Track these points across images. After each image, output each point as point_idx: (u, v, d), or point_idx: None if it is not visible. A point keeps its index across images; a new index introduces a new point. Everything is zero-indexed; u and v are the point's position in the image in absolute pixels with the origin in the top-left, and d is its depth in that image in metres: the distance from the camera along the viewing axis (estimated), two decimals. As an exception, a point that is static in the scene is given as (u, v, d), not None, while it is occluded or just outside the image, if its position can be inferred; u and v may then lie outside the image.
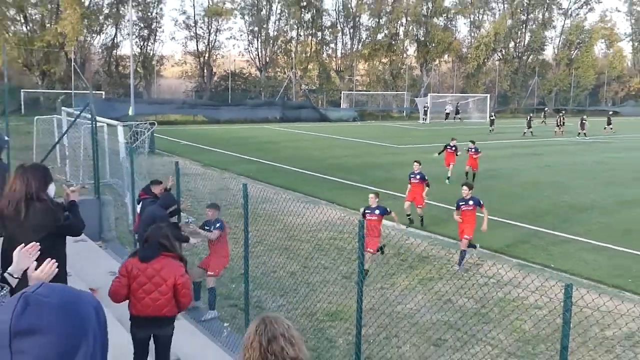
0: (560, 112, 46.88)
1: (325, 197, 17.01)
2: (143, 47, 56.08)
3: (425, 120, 52.56)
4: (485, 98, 59.01)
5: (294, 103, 55.33)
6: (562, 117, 42.63)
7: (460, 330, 7.99)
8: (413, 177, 13.91)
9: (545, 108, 57.98)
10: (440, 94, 60.94)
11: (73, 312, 1.33)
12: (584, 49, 71.74)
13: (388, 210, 10.52)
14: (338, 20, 64.10)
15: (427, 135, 38.07)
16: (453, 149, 19.92)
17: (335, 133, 38.73)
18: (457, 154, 20.02)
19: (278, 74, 61.27)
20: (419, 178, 13.77)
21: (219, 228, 8.58)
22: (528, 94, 69.44)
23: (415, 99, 58.40)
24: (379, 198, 10.80)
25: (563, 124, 41.58)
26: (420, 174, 13.80)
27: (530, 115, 42.39)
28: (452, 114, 55.74)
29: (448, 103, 57.78)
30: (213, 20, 57.96)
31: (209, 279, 8.56)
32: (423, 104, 54.18)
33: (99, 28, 54.17)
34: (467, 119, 55.56)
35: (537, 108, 61.32)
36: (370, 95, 62.26)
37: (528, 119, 40.64)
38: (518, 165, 24.59)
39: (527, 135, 38.64)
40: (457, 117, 55.53)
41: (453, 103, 57.80)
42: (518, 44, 71.65)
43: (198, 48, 58.38)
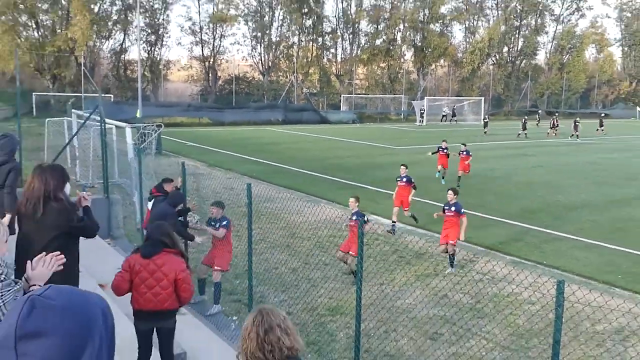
0: (554, 114, 46.81)
1: (326, 196, 16.97)
2: (150, 52, 56.16)
3: (422, 123, 52.53)
4: (480, 101, 58.93)
5: (296, 106, 55.32)
6: (555, 119, 42.55)
7: (456, 325, 7.97)
8: (400, 180, 13.48)
9: (539, 110, 57.94)
10: (437, 97, 60.87)
11: (79, 314, 1.31)
12: (575, 54, 71.78)
13: (366, 220, 9.90)
14: (338, 27, 64.09)
15: (423, 137, 38.07)
16: (445, 151, 19.74)
17: (336, 135, 38.70)
18: (448, 156, 19.79)
19: (280, 78, 61.27)
20: (406, 181, 13.35)
21: (225, 226, 8.54)
22: (521, 97, 69.42)
23: (412, 102, 58.36)
24: (359, 202, 10.36)
25: (557, 126, 41.55)
26: (407, 177, 13.38)
27: (525, 118, 42.32)
28: (448, 116, 55.72)
29: (445, 106, 57.74)
30: (218, 27, 57.96)
31: (216, 274, 8.52)
32: (420, 107, 54.11)
33: (108, 34, 54.23)
34: (462, 121, 55.53)
35: (530, 110, 61.25)
36: (369, 99, 62.19)
37: (523, 121, 40.59)
38: (512, 166, 24.55)
39: (521, 137, 38.60)
40: (453, 119, 55.51)
41: (450, 106, 57.77)
42: (511, 49, 71.65)
43: (203, 53, 58.42)
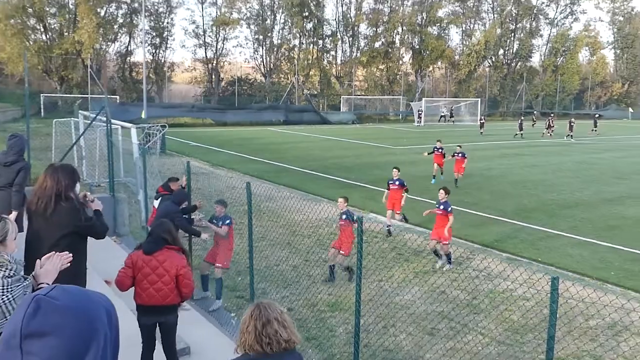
0: (549, 115, 46.74)
1: (326, 195, 16.94)
2: (155, 54, 56.13)
3: (420, 123, 52.49)
4: (476, 102, 58.86)
5: (297, 107, 55.28)
6: (551, 120, 42.53)
7: (453, 320, 7.97)
8: (392, 183, 12.94)
9: (535, 112, 57.88)
10: (434, 99, 60.86)
11: (84, 314, 1.30)
12: (569, 56, 71.72)
13: (354, 219, 9.85)
14: (338, 30, 64.04)
15: (421, 137, 38.03)
16: (440, 151, 19.40)
17: (336, 135, 38.68)
18: (444, 156, 19.38)
19: (282, 80, 61.24)
20: (398, 184, 12.86)
21: (228, 225, 8.55)
22: (516, 99, 69.37)
23: (411, 103, 58.33)
24: (348, 203, 9.98)
25: (552, 127, 41.51)
26: (400, 180, 12.88)
27: (522, 119, 42.28)
28: (447, 117, 55.65)
29: (443, 107, 57.66)
30: (221, 30, 57.92)
31: (217, 271, 8.54)
32: (417, 108, 54.05)
33: (114, 37, 54.20)
34: (459, 122, 55.52)
35: (525, 111, 61.24)
36: (368, 100, 62.18)
37: (520, 122, 40.55)
38: (507, 165, 24.53)
39: (517, 137, 38.50)
40: (450, 119, 55.47)
41: (448, 107, 57.70)
42: (507, 52, 71.62)
43: (207, 55, 58.42)
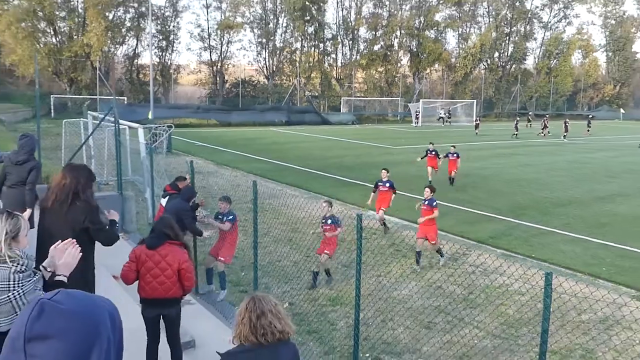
0: (545, 116, 46.62)
1: (327, 193, 16.90)
2: (162, 57, 56.09)
3: (417, 124, 52.43)
4: (472, 103, 58.84)
5: (298, 108, 55.24)
6: (546, 121, 42.47)
7: (450, 315, 7.96)
8: (382, 184, 12.30)
9: (530, 112, 57.77)
10: (431, 100, 60.80)
11: (88, 318, 1.29)
12: (562, 59, 71.66)
13: (339, 223, 9.33)
14: (338, 33, 63.98)
15: (418, 137, 37.97)
16: (433, 154, 18.48)
17: (336, 135, 38.65)
18: (438, 157, 18.53)
19: (284, 82, 61.22)
20: (388, 186, 12.26)
21: (231, 221, 8.60)
22: (511, 100, 69.31)
23: (409, 105, 58.22)
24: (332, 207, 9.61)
25: (547, 127, 41.45)
26: (390, 182, 12.31)
27: (517, 119, 42.19)
28: (444, 118, 55.55)
29: (441, 108, 57.57)
30: (225, 33, 57.86)
31: (220, 265, 8.63)
32: (415, 109, 53.98)
33: (122, 40, 54.16)
34: (455, 123, 55.48)
35: (520, 112, 61.14)
36: (368, 101, 62.14)
37: (516, 123, 40.45)
38: (502, 165, 24.49)
39: (514, 137, 38.28)
40: (447, 121, 55.39)
41: (445, 108, 57.61)
42: (502, 54, 71.55)
43: (211, 58, 58.35)
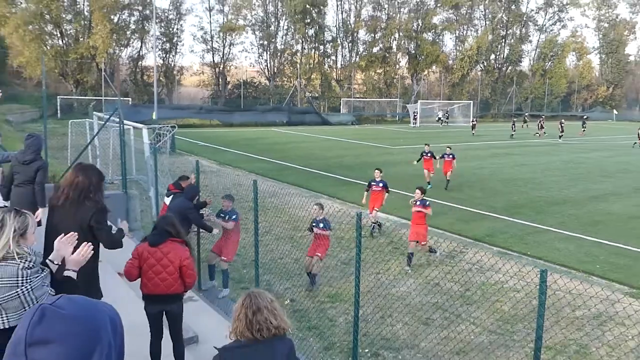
0: (541, 117, 46.57)
1: (327, 192, 16.94)
2: (165, 58, 56.02)
3: (415, 124, 52.40)
4: (469, 104, 58.75)
5: (299, 109, 55.17)
6: (542, 121, 42.48)
7: (447, 311, 7.96)
8: (375, 184, 12.10)
9: (526, 113, 57.73)
10: (429, 101, 60.72)
11: (89, 323, 1.28)
12: (557, 61, 71.60)
13: (330, 227, 9.01)
14: (338, 36, 63.89)
15: (416, 137, 37.95)
16: (429, 156, 17.82)
17: (336, 135, 38.63)
18: (434, 159, 17.99)
19: (285, 83, 61.12)
20: (382, 186, 12.03)
21: (235, 219, 8.59)
22: (507, 101, 69.27)
23: (407, 105, 58.14)
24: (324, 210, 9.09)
25: (543, 127, 41.43)
26: (383, 182, 12.08)
27: (514, 120, 42.11)
28: (443, 118, 55.52)
29: (439, 110, 57.54)
30: (227, 35, 57.79)
31: (223, 263, 8.63)
32: (413, 110, 53.95)
33: (127, 42, 54.09)
34: (452, 123, 55.46)
35: (515, 113, 61.12)
36: (367, 102, 62.09)
37: (513, 123, 40.37)
38: (498, 164, 24.48)
39: (513, 137, 38.15)
40: (446, 121, 55.36)
41: (443, 109, 57.60)
42: (498, 57, 71.46)
43: (214, 60, 58.23)
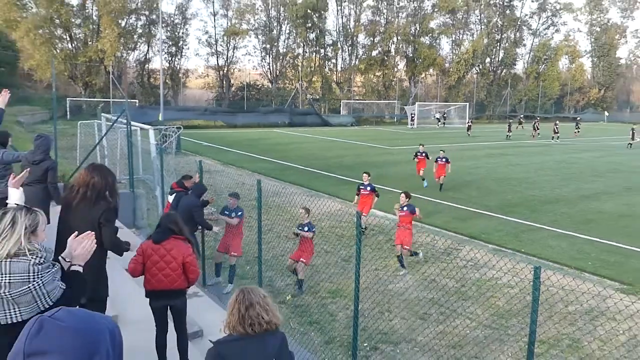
0: (536, 118, 46.47)
1: (328, 191, 16.92)
2: (171, 62, 56.04)
3: (413, 125, 52.38)
4: (465, 106, 58.71)
5: (300, 110, 55.15)
6: (537, 123, 42.44)
7: (443, 306, 7.95)
8: (363, 188, 11.92)
9: (521, 115, 57.64)
10: (426, 103, 60.67)
11: (86, 335, 1.26)
12: (550, 64, 71.53)
13: (314, 231, 8.80)
14: (338, 39, 63.87)
15: (414, 138, 37.88)
16: (423, 155, 17.77)
17: (336, 136, 38.62)
18: (428, 159, 17.82)
19: (287, 85, 61.13)
20: (370, 189, 11.85)
21: (240, 216, 8.66)
22: (502, 103, 69.20)
23: (405, 107, 58.18)
24: (310, 214, 8.89)
25: (538, 129, 41.37)
26: (370, 185, 11.89)
27: (510, 122, 41.99)
28: (441, 120, 55.47)
29: (437, 111, 57.51)
30: (231, 39, 57.80)
31: (232, 259, 8.71)
32: (411, 112, 53.93)
33: (134, 45, 54.14)
34: (449, 124, 55.43)
35: (510, 115, 61.06)
36: (366, 104, 62.06)
37: (509, 124, 40.24)
38: (493, 164, 24.44)
39: (509, 138, 37.96)
40: (443, 122, 55.32)
41: (441, 111, 57.58)
42: (493, 60, 71.39)
43: (218, 63, 58.29)
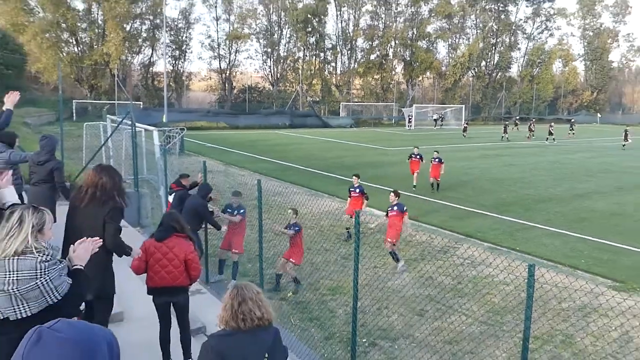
0: (531, 120, 46.41)
1: (328, 190, 16.91)
2: (175, 65, 55.99)
3: (410, 127, 52.41)
4: (461, 108, 58.74)
5: (301, 112, 55.10)
6: (532, 124, 42.39)
7: (440, 303, 7.96)
8: (353, 190, 11.68)
9: (517, 117, 57.64)
10: (423, 105, 60.69)
11: (86, 346, 1.25)
12: (544, 67, 71.51)
13: (297, 230, 8.50)
14: (338, 43, 63.82)
15: (411, 139, 37.88)
16: (418, 157, 17.51)
17: (335, 137, 38.62)
18: (422, 161, 17.55)
19: (287, 88, 61.09)
20: (359, 192, 11.60)
21: (242, 214, 8.68)
22: (497, 105, 69.18)
23: (402, 109, 58.24)
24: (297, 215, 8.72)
25: (532, 130, 41.32)
26: (360, 188, 11.66)
27: (506, 124, 41.92)
28: (439, 121, 55.46)
29: (435, 113, 57.51)
30: (233, 43, 57.77)
31: (234, 255, 8.73)
32: (408, 113, 53.99)
33: (138, 49, 54.06)
34: (446, 126, 55.44)
35: (505, 117, 61.03)
36: (365, 106, 61.99)
37: (505, 126, 40.16)
38: (488, 165, 24.43)
39: (503, 140, 37.84)
40: (441, 124, 55.30)
41: (439, 112, 57.60)
42: (488, 63, 71.37)
43: (221, 66, 58.23)
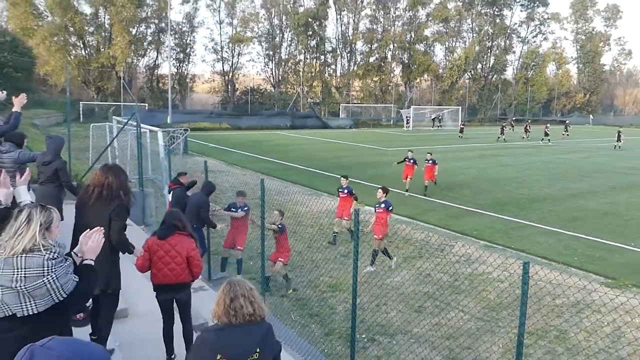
0: (527, 121, 46.30)
1: (328, 190, 16.87)
2: (179, 67, 55.98)
3: (408, 128, 52.40)
4: (458, 110, 58.72)
5: (302, 113, 55.12)
6: (528, 125, 42.31)
7: (438, 300, 7.93)
8: (341, 191, 11.45)
9: (513, 118, 57.57)
10: (421, 107, 60.69)
11: None
12: (538, 70, 71.52)
13: (284, 230, 8.44)
14: (337, 46, 63.79)
15: (409, 140, 37.91)
16: (411, 162, 16.49)
17: (335, 138, 38.60)
18: (416, 166, 16.53)
19: (288, 90, 61.07)
20: (347, 192, 11.37)
21: (247, 212, 8.80)
22: (492, 107, 69.18)
23: (400, 111, 58.20)
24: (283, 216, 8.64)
25: (528, 131, 41.22)
26: (348, 188, 11.41)
27: (503, 125, 41.80)
28: (436, 121, 55.33)
29: (433, 114, 57.47)
30: (236, 46, 57.78)
31: (238, 253, 8.76)
32: (406, 115, 53.99)
33: (144, 52, 54.11)
34: (443, 127, 55.43)
35: (500, 118, 61.03)
36: (364, 107, 61.97)
37: (501, 127, 39.96)
38: (484, 165, 24.40)
39: (500, 140, 37.58)
40: (438, 125, 55.25)
41: (437, 113, 57.55)
42: (484, 66, 71.37)
43: (224, 68, 58.22)
